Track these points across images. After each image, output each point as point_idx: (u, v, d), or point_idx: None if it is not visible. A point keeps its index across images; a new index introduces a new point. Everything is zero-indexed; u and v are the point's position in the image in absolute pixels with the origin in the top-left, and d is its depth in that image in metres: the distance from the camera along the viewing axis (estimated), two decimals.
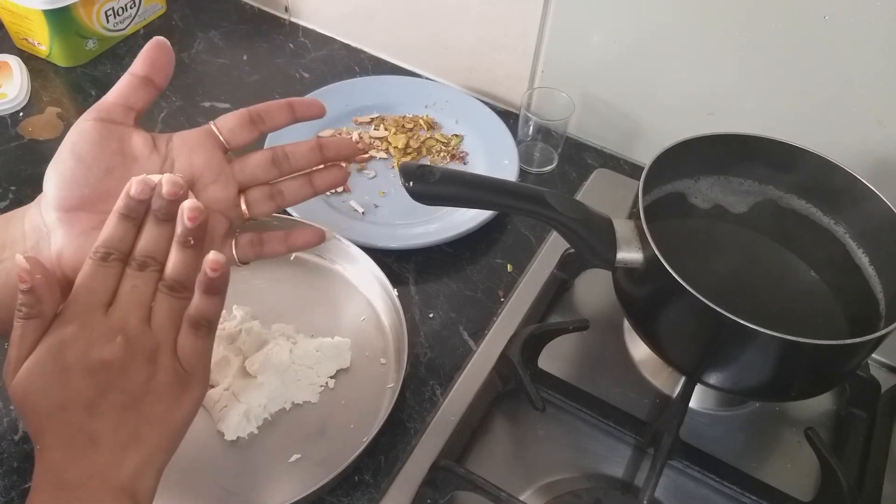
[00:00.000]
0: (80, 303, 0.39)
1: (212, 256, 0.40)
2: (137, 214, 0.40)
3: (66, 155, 0.43)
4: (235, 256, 0.48)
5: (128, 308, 0.40)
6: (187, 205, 0.40)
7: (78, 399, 0.38)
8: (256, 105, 0.48)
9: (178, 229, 0.40)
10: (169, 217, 0.41)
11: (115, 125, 0.44)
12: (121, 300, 0.40)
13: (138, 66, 0.45)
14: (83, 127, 0.43)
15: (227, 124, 0.46)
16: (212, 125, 0.46)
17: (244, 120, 0.46)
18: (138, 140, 0.45)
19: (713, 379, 0.56)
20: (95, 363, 0.38)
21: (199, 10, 1.01)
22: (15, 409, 0.39)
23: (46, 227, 0.43)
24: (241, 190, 0.47)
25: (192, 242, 0.41)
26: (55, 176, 0.43)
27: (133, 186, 0.40)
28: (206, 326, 0.41)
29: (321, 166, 0.50)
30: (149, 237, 0.41)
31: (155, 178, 0.41)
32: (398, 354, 0.63)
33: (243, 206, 0.47)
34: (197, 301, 0.41)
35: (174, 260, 0.41)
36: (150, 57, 0.45)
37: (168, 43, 0.46)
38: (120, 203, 0.40)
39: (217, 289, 0.41)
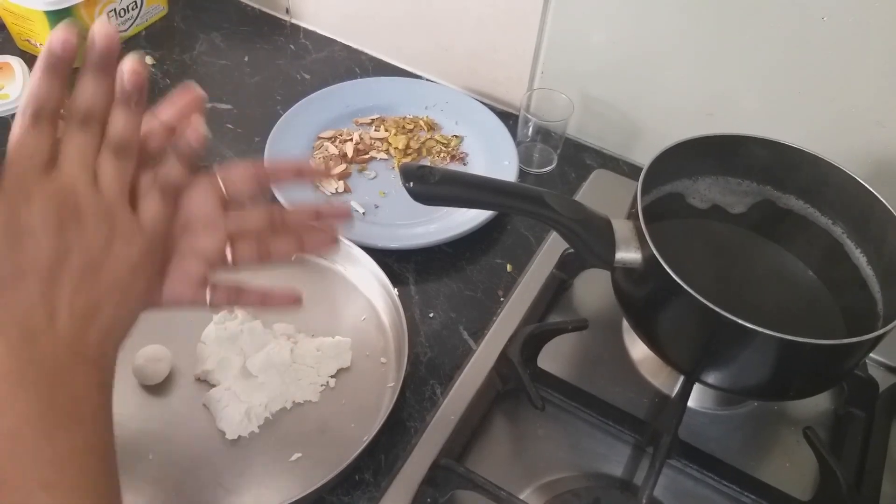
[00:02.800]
0: (21, 167, 0.35)
1: (129, 65, 0.37)
2: (63, 70, 0.36)
3: None
4: (208, 300, 0.45)
5: (74, 168, 0.36)
6: (127, 67, 0.37)
7: (37, 264, 0.35)
8: (265, 162, 0.46)
9: (119, 89, 0.37)
10: (107, 71, 0.37)
11: None
12: (65, 160, 0.36)
13: (166, 112, 0.42)
14: None
15: (231, 175, 0.44)
16: (216, 174, 0.44)
17: (249, 174, 0.44)
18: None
19: (712, 378, 0.56)
20: (52, 224, 0.35)
21: (201, 11, 1.02)
22: None
23: None
24: (230, 238, 0.44)
25: (134, 103, 0.38)
26: None
27: (56, 41, 0.36)
28: (176, 188, 0.40)
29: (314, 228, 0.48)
30: (87, 91, 0.37)
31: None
32: (398, 354, 0.63)
33: (229, 256, 0.44)
34: (172, 161, 0.39)
35: (118, 120, 0.38)
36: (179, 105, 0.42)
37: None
38: (43, 58, 0.36)
39: (196, 151, 0.39)
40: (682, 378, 0.61)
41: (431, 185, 0.54)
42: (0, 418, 0.34)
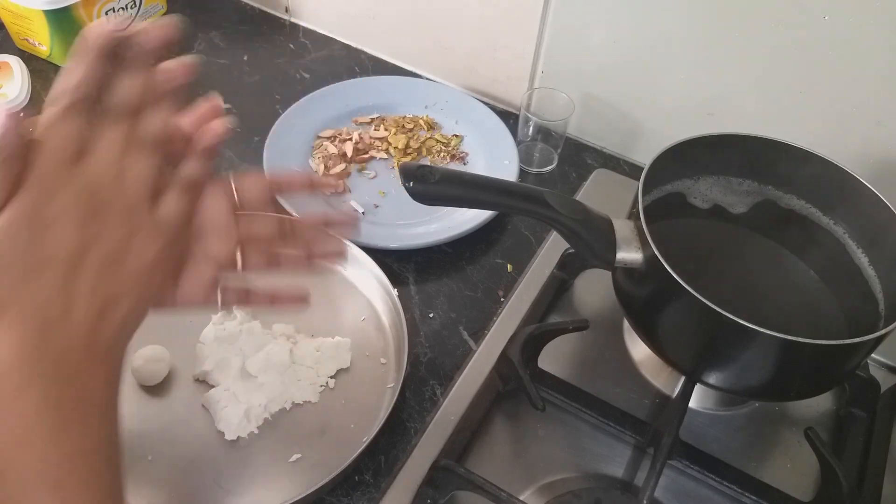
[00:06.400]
0: (52, 156, 0.35)
1: (180, 67, 0.38)
2: (105, 61, 0.36)
3: None
4: (219, 302, 0.46)
5: (104, 163, 0.36)
6: (175, 64, 0.38)
7: (58, 256, 0.34)
8: (279, 174, 0.47)
9: (161, 88, 0.38)
10: (148, 65, 0.38)
11: None
12: (96, 154, 0.36)
13: (188, 119, 0.42)
14: None
15: (245, 184, 0.44)
16: (231, 181, 0.44)
17: (262, 184, 0.45)
18: None
19: (713, 379, 0.56)
20: (77, 217, 0.35)
21: (200, 10, 1.01)
22: None
23: None
24: (241, 244, 0.45)
25: (171, 103, 0.38)
26: None
27: (101, 32, 0.36)
28: (196, 188, 0.40)
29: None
30: (127, 86, 0.37)
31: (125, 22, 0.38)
32: (398, 354, 0.63)
33: (239, 262, 0.45)
34: (193, 162, 0.39)
35: (153, 118, 0.38)
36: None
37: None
38: (86, 47, 0.36)
39: (215, 153, 0.40)
40: (682, 378, 0.61)
41: (431, 184, 0.54)
42: (9, 412, 0.33)
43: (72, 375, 0.34)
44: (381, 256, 0.69)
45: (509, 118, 0.86)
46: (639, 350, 0.66)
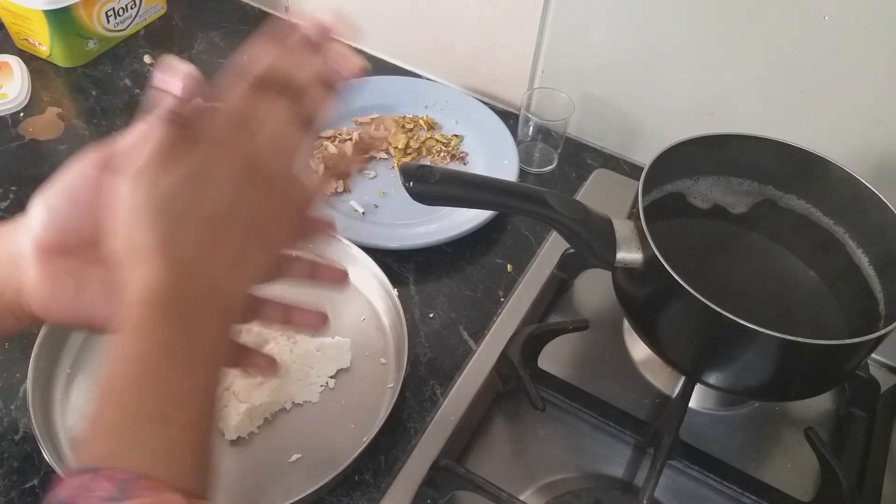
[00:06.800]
0: (227, 124, 0.39)
1: (353, 60, 0.42)
2: (294, 47, 0.41)
3: (62, 194, 0.41)
4: None
5: (267, 136, 0.39)
6: (347, 58, 0.42)
7: (216, 211, 0.37)
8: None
9: (330, 71, 0.42)
10: (318, 50, 0.42)
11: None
12: (262, 127, 0.39)
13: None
14: (87, 171, 0.40)
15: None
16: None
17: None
18: None
19: (713, 379, 0.56)
20: (235, 179, 0.38)
21: (200, 10, 1.01)
22: (133, 208, 0.36)
23: (22, 259, 0.41)
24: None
25: (333, 87, 0.42)
26: (44, 212, 0.40)
27: (313, 22, 0.42)
28: (314, 127, 0.42)
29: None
30: (300, 71, 0.41)
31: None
32: (398, 354, 0.63)
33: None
34: (314, 97, 0.42)
35: (315, 99, 0.41)
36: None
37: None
38: (288, 32, 0.41)
39: (337, 86, 0.42)
40: (683, 378, 0.61)
41: (431, 184, 0.54)
42: (135, 343, 0.35)
43: (196, 322, 0.36)
44: (381, 256, 0.69)
45: (509, 118, 0.86)
46: (639, 350, 0.66)
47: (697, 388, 0.59)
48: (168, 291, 0.36)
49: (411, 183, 0.53)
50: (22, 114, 0.85)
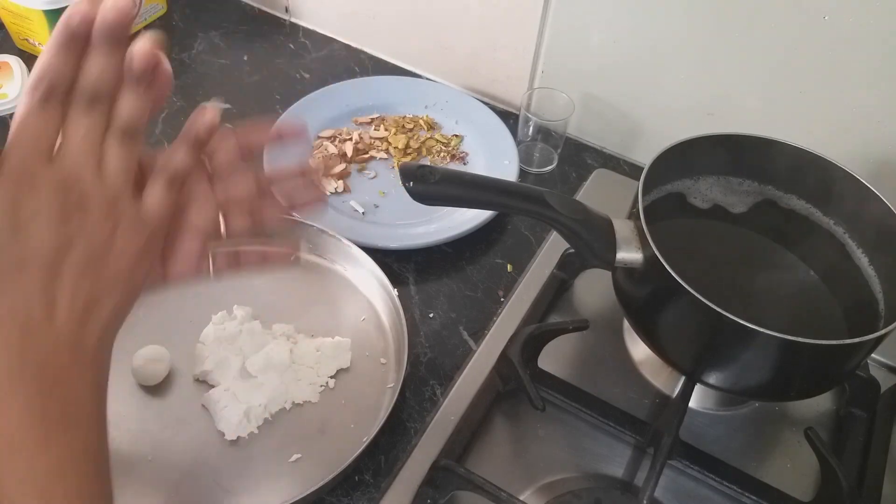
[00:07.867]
0: (25, 151, 0.33)
1: (140, 45, 0.35)
2: (80, 47, 0.34)
3: None
4: (211, 272, 0.44)
5: (80, 155, 0.34)
6: (138, 47, 0.35)
7: (38, 256, 0.33)
8: (245, 130, 0.44)
9: (128, 70, 0.35)
10: (117, 48, 0.35)
11: None
12: (71, 146, 0.34)
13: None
14: None
15: (217, 147, 0.42)
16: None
17: (233, 147, 0.42)
18: None
19: (713, 379, 0.56)
20: (56, 214, 0.33)
21: (200, 10, 1.01)
22: None
23: None
24: (222, 210, 0.43)
25: (144, 85, 0.36)
26: None
27: (75, 14, 0.33)
28: (182, 177, 0.38)
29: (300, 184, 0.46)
30: (94, 70, 0.34)
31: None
32: (398, 354, 0.63)
33: (222, 229, 0.43)
34: (179, 151, 0.37)
35: (126, 103, 0.35)
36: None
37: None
38: (59, 32, 0.33)
39: (203, 143, 0.38)
40: (683, 378, 0.61)
41: (431, 184, 0.54)
42: None
43: (56, 380, 0.33)
44: (381, 256, 0.69)
45: (509, 118, 0.86)
46: (639, 350, 0.66)
47: (697, 388, 0.59)
48: (9, 358, 0.32)
49: (411, 183, 0.53)
50: None
